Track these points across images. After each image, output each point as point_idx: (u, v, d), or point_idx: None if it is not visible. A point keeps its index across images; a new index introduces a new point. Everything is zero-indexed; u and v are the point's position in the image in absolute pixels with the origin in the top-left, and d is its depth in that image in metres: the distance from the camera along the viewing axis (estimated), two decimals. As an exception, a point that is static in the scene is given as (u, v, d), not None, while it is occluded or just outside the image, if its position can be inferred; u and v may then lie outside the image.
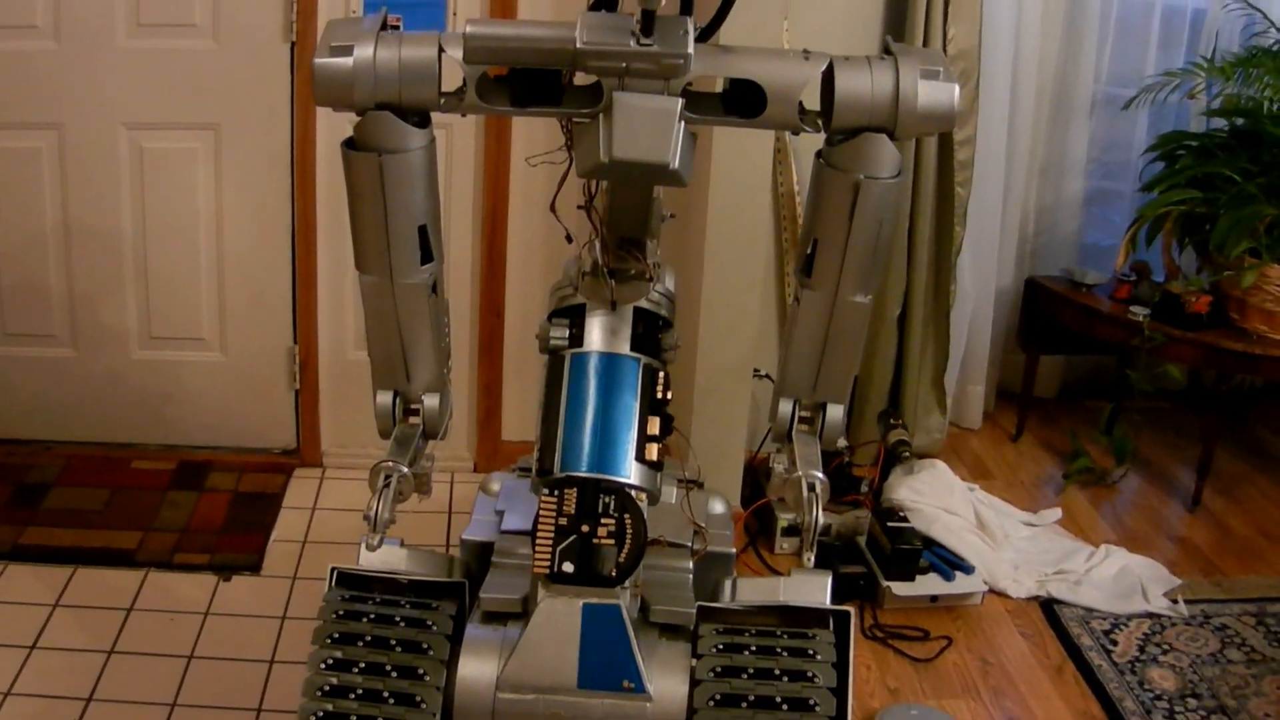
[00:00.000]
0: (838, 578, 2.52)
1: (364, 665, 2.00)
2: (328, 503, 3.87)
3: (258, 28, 3.62)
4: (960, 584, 3.50)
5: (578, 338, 2.14)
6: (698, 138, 1.87)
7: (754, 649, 2.05)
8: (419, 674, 1.99)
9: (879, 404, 4.28)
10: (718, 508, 2.67)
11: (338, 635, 2.04)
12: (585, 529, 1.92)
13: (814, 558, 2.04)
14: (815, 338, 2.12)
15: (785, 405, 2.22)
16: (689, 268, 3.58)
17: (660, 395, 2.10)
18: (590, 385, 2.08)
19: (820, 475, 2.09)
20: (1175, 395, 4.72)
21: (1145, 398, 4.22)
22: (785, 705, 1.98)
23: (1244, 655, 3.32)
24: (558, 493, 1.94)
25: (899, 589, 3.44)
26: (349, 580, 2.18)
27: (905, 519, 3.58)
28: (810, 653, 2.04)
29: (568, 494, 1.94)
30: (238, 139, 3.74)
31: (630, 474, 1.99)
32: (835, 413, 2.21)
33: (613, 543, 1.92)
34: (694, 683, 2.01)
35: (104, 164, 3.74)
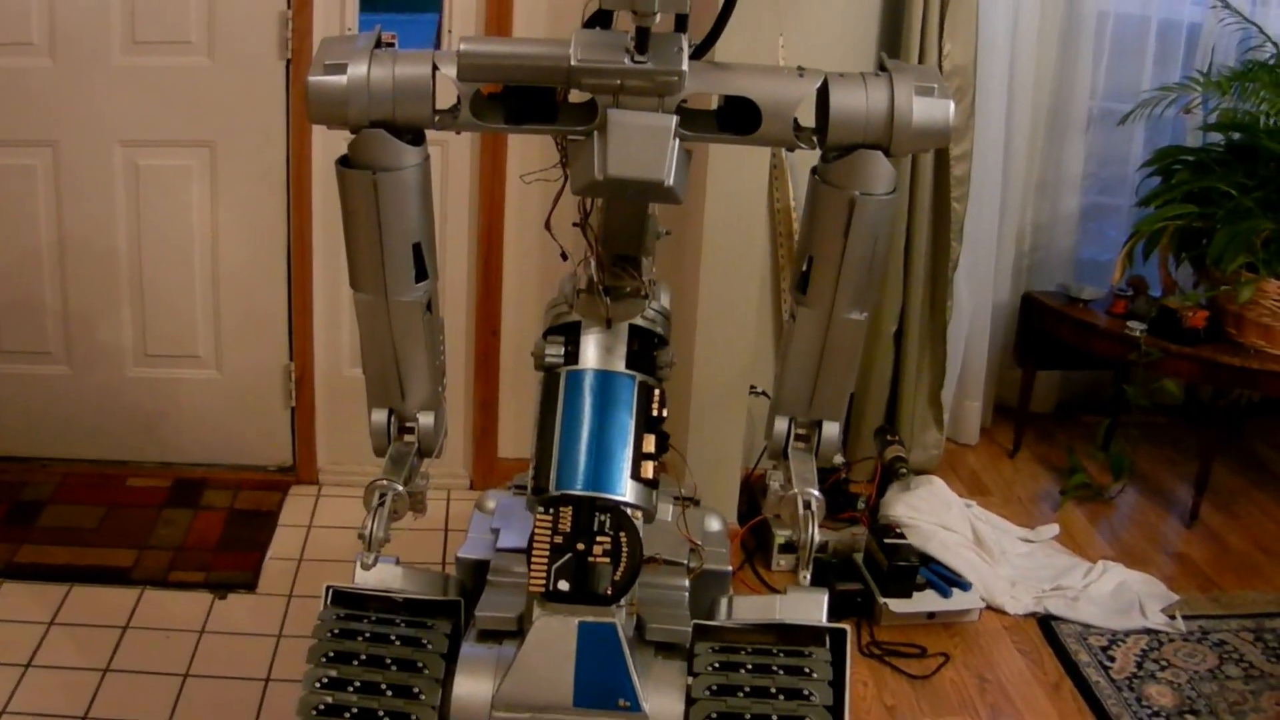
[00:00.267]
0: (834, 595, 2.52)
1: (359, 684, 1.99)
2: (324, 520, 3.85)
3: (253, 45, 3.62)
4: (957, 601, 3.50)
5: (573, 355, 2.14)
6: (692, 155, 1.87)
7: (750, 667, 2.03)
8: (414, 693, 1.98)
9: (876, 420, 4.27)
10: (714, 525, 2.66)
11: (333, 654, 2.03)
12: (581, 547, 1.91)
13: (810, 575, 2.03)
14: (811, 355, 2.11)
15: (781, 423, 2.21)
16: (685, 284, 3.58)
17: (656, 413, 2.09)
18: (585, 403, 2.07)
19: (816, 493, 2.09)
20: (1172, 410, 4.73)
21: (1142, 413, 4.23)
22: (782, 723, 1.97)
23: (1242, 671, 3.32)
24: (553, 511, 1.93)
25: (896, 606, 3.43)
26: (344, 599, 2.17)
27: (902, 536, 3.58)
28: (806, 671, 2.03)
29: (563, 512, 1.93)
30: (233, 156, 3.73)
31: (626, 492, 1.98)
32: (831, 430, 2.21)
33: (608, 561, 1.91)
34: (690, 701, 1.99)
35: (99, 181, 3.73)
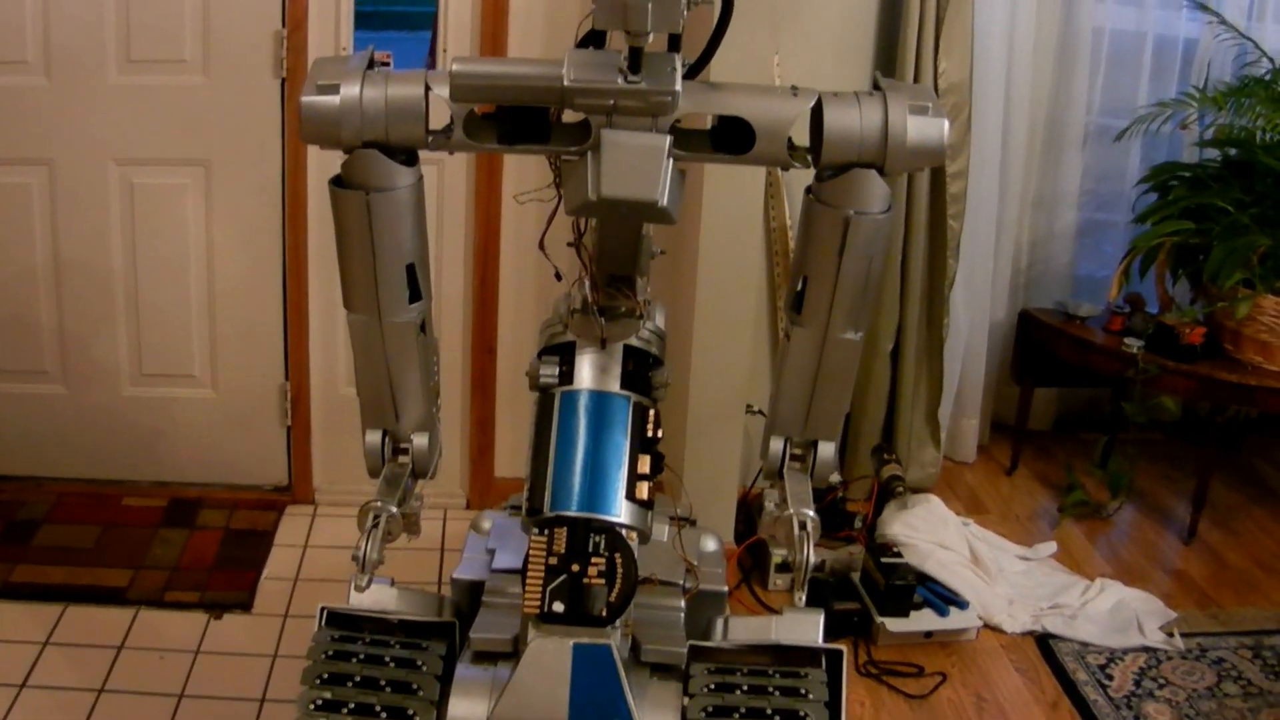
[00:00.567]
0: (832, 614, 2.51)
1: (353, 706, 1.97)
2: (320, 540, 3.84)
3: (248, 64, 3.62)
4: (955, 619, 3.49)
5: (568, 375, 2.13)
6: (687, 174, 1.86)
7: (746, 689, 2.02)
8: (408, 715, 1.96)
9: (873, 438, 4.27)
10: (710, 545, 2.65)
11: (327, 676, 2.02)
12: (575, 568, 1.90)
13: (804, 597, 2.02)
14: (805, 375, 2.10)
15: (776, 443, 2.20)
16: (681, 304, 3.57)
17: (651, 433, 2.08)
18: (580, 423, 2.06)
19: (812, 514, 2.08)
20: (1170, 427, 4.71)
21: (1140, 430, 4.22)
22: (778, 745, 1.96)
23: (1240, 689, 3.31)
24: (548, 532, 1.92)
25: (893, 625, 3.42)
26: (339, 620, 2.16)
27: (899, 554, 3.57)
28: (802, 692, 2.02)
29: (558, 533, 1.91)
30: (228, 175, 3.73)
31: (621, 513, 1.97)
32: (826, 450, 2.20)
33: (603, 582, 1.90)
34: (685, 723, 1.99)
35: (94, 200, 3.73)
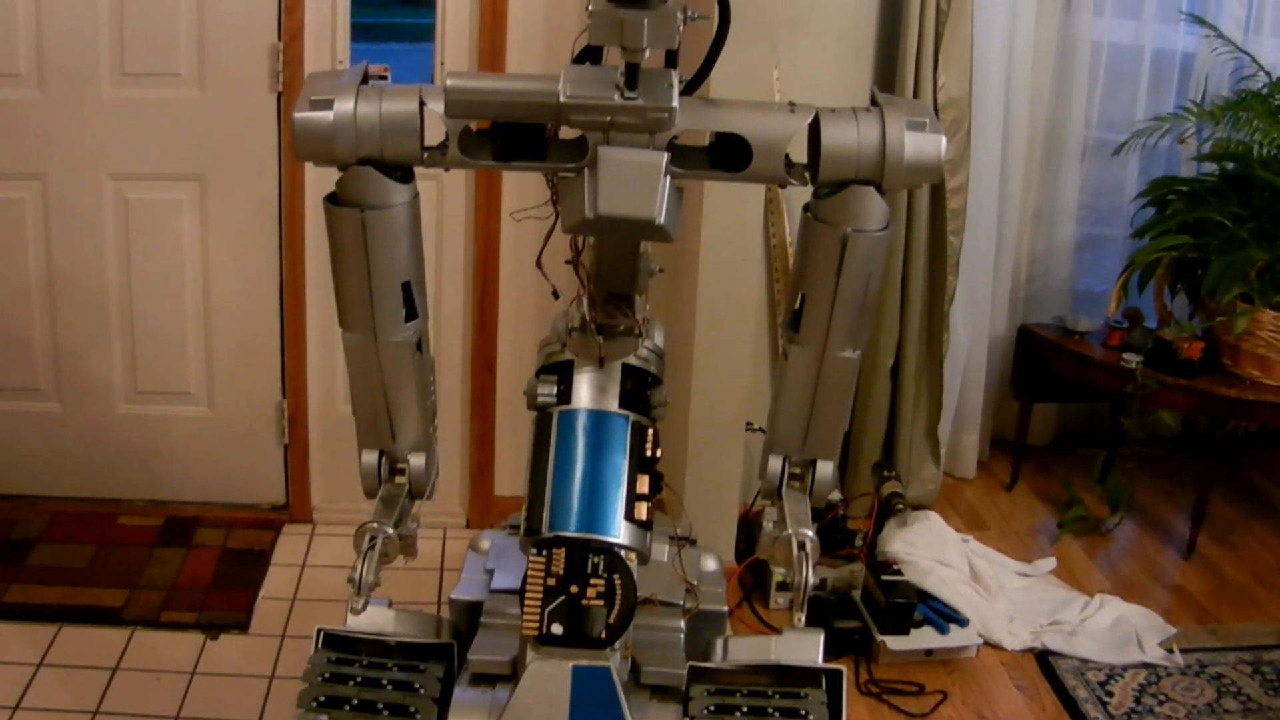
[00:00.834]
0: (832, 632, 2.50)
1: (350, 729, 1.97)
2: (317, 560, 3.82)
3: (243, 78, 3.61)
4: (955, 637, 3.47)
5: (566, 395, 2.11)
6: (685, 191, 1.85)
7: (746, 709, 2.02)
8: (405, 738, 1.96)
9: (873, 455, 4.25)
10: (710, 565, 2.63)
11: (324, 699, 2.01)
12: (574, 590, 1.88)
13: (804, 618, 2.01)
14: (803, 394, 2.09)
15: (775, 462, 2.18)
16: (680, 322, 3.56)
17: (649, 453, 2.07)
18: (578, 443, 2.05)
19: (811, 534, 2.06)
20: (1169, 442, 4.73)
21: (1139, 445, 4.21)
22: (778, 765, 1.95)
23: (1240, 705, 3.29)
24: (546, 553, 1.90)
25: (894, 643, 3.40)
26: (335, 642, 2.15)
27: (899, 572, 3.55)
28: (802, 713, 2.02)
29: (556, 554, 1.90)
30: (224, 190, 3.72)
31: (619, 533, 1.95)
32: (825, 469, 2.18)
33: (602, 604, 1.88)
34: (686, 745, 1.98)
35: (88, 215, 3.72)
